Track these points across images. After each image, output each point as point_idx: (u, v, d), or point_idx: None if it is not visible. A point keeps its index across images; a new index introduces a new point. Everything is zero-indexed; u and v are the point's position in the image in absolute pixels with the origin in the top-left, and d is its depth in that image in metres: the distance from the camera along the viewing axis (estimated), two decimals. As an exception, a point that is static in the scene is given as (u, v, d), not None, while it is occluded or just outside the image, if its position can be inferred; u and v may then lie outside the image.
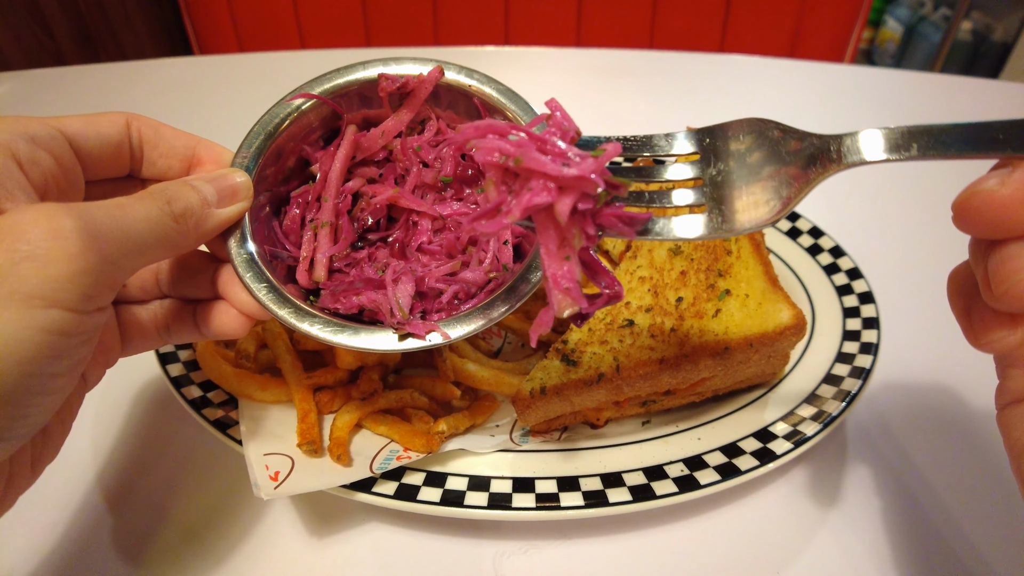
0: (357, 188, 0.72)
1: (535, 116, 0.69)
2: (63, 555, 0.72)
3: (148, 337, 0.65)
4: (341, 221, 0.70)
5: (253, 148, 0.66)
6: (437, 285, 0.67)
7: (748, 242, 0.86)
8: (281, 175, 0.71)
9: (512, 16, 2.37)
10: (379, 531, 0.75)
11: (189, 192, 0.56)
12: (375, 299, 0.64)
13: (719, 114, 0.64)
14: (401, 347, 0.61)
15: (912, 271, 1.10)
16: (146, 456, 0.82)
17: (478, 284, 0.67)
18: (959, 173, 0.51)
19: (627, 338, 0.78)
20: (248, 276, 0.62)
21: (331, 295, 0.66)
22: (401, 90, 0.71)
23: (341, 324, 0.62)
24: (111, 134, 0.58)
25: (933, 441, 0.85)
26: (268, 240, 0.67)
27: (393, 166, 0.74)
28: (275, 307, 0.61)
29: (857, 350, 0.85)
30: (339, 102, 0.71)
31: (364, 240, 0.72)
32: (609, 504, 0.69)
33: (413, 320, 0.63)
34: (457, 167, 0.72)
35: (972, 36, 3.82)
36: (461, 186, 0.73)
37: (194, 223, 0.55)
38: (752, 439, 0.76)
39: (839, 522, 0.76)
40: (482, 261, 0.68)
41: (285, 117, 0.68)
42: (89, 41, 2.62)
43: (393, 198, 0.71)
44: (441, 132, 0.74)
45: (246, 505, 0.77)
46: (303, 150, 0.72)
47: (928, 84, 1.76)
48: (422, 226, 0.71)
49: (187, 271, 0.65)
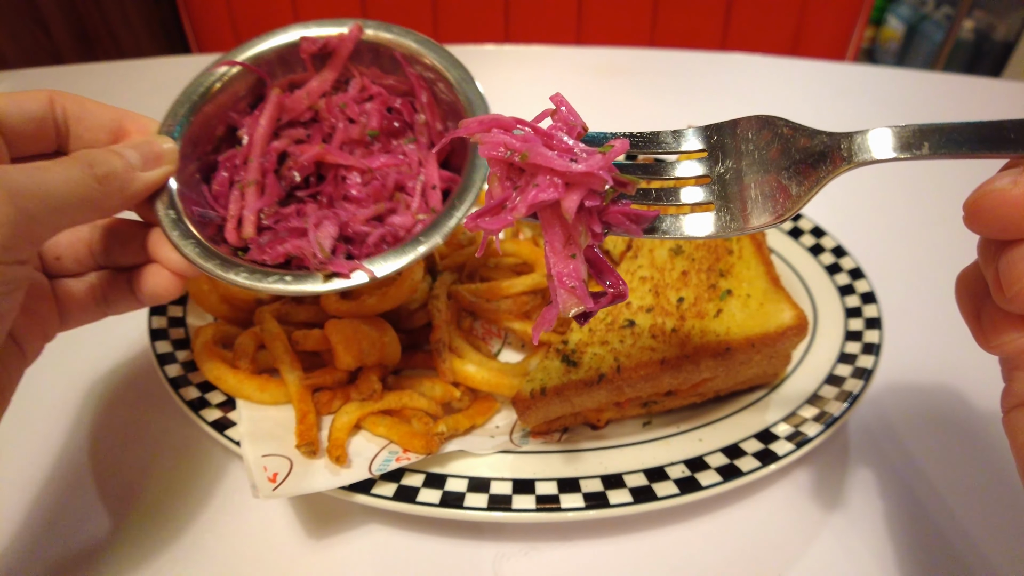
0: (284, 148, 0.73)
1: (458, 65, 0.72)
2: (60, 556, 0.71)
3: (86, 309, 0.66)
4: (267, 179, 0.72)
5: (178, 116, 0.68)
6: (363, 229, 0.68)
7: (750, 242, 0.85)
8: (211, 144, 0.73)
9: (512, 14, 2.36)
10: (378, 533, 0.74)
11: (112, 156, 0.57)
12: (299, 245, 0.65)
13: (720, 112, 0.63)
14: (326, 287, 0.62)
15: (915, 271, 1.10)
16: (143, 457, 0.82)
17: (406, 227, 0.68)
18: (962, 173, 0.50)
19: (628, 338, 0.78)
20: (175, 234, 0.63)
21: (258, 248, 0.67)
22: (323, 51, 0.73)
23: (267, 272, 0.63)
24: (34, 110, 0.58)
25: (936, 442, 0.85)
26: (199, 205, 0.68)
27: (320, 126, 0.75)
28: (201, 260, 0.62)
29: (859, 351, 0.84)
30: (264, 68, 0.73)
31: (294, 198, 0.73)
32: (610, 506, 0.69)
33: (335, 259, 0.63)
34: (383, 120, 0.74)
35: (974, 35, 3.81)
36: (388, 139, 0.75)
37: (118, 185, 0.57)
38: (754, 440, 0.76)
39: (841, 524, 0.75)
40: (410, 206, 0.69)
41: (209, 86, 0.70)
42: (87, 40, 2.61)
43: (319, 154, 0.72)
44: (366, 88, 0.76)
45: (244, 507, 0.76)
46: (230, 117, 0.74)
47: (930, 83, 1.75)
48: (351, 180, 0.72)
49: (118, 239, 0.66)
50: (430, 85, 0.74)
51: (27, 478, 0.79)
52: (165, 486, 0.79)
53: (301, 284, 0.62)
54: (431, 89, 0.74)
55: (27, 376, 0.91)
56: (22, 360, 0.61)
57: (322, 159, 0.72)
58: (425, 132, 0.75)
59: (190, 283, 0.87)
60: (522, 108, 0.67)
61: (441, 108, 0.74)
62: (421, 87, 0.74)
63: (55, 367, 0.93)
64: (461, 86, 0.71)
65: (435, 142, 0.74)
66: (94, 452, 0.82)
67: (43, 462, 0.81)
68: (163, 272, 0.65)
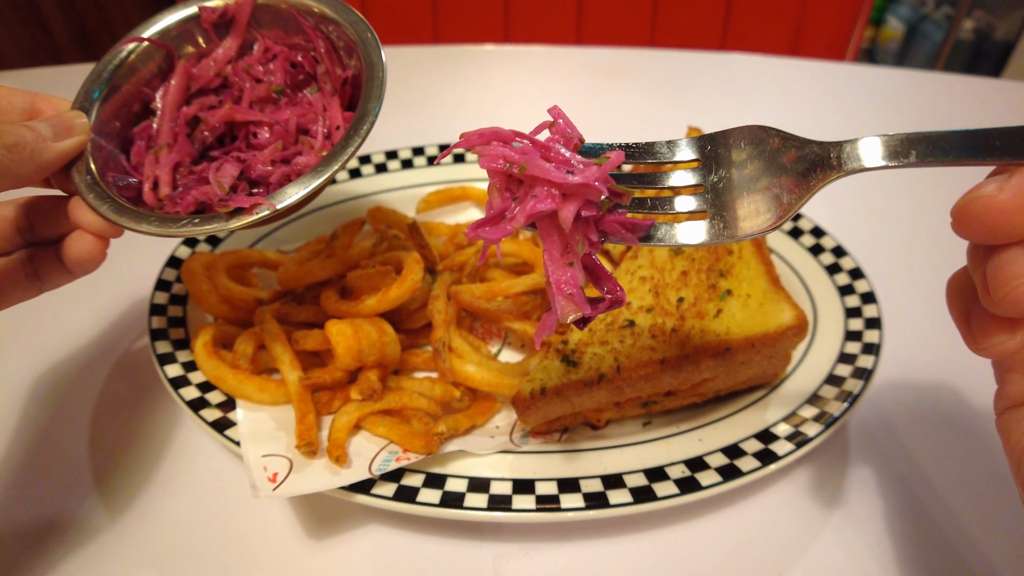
0: (195, 113, 0.77)
1: (347, 9, 0.76)
2: (59, 555, 0.71)
3: (19, 286, 0.68)
4: (179, 141, 0.75)
5: (90, 93, 0.72)
6: (266, 169, 0.71)
7: (750, 242, 0.86)
8: (129, 120, 0.76)
9: (512, 14, 2.36)
10: (378, 533, 0.74)
11: (20, 128, 0.59)
12: (205, 191, 0.69)
13: (720, 113, 0.64)
14: (232, 224, 0.64)
15: (915, 271, 1.10)
16: (143, 457, 0.82)
17: (311, 165, 0.70)
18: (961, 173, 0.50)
19: (628, 338, 0.78)
20: (91, 197, 0.65)
21: (171, 202, 0.70)
22: (223, 18, 0.78)
23: (177, 218, 0.66)
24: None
25: (936, 442, 0.85)
26: (119, 173, 0.71)
27: (231, 91, 0.79)
28: (115, 216, 0.65)
29: (859, 350, 0.84)
30: (173, 44, 0.77)
31: (208, 159, 0.76)
32: (610, 506, 0.69)
33: (236, 196, 0.66)
34: (287, 76, 0.78)
35: (974, 35, 3.81)
36: (295, 92, 0.79)
37: (28, 153, 0.59)
38: (754, 440, 0.76)
39: (842, 523, 0.75)
40: (314, 146, 0.72)
41: (119, 63, 0.74)
42: (86, 39, 2.61)
43: (228, 113, 0.75)
44: (269, 49, 0.79)
45: (244, 507, 0.76)
46: (144, 93, 0.77)
47: (930, 83, 1.75)
48: (261, 135, 0.76)
49: (42, 213, 0.68)
50: (326, 35, 0.77)
51: (26, 478, 0.79)
52: (165, 486, 0.79)
53: (207, 224, 0.64)
54: (327, 38, 0.77)
55: (27, 376, 0.91)
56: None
57: (231, 118, 0.76)
58: (328, 80, 0.78)
59: (190, 284, 0.87)
60: (522, 107, 0.67)
61: (339, 54, 0.77)
62: (317, 36, 0.77)
63: (55, 367, 0.93)
64: (353, 27, 0.74)
65: (337, 87, 0.77)
66: (94, 452, 0.82)
67: (42, 461, 0.81)
68: (85, 236, 0.66)
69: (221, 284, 0.87)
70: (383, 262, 0.90)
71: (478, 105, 1.59)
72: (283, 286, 0.90)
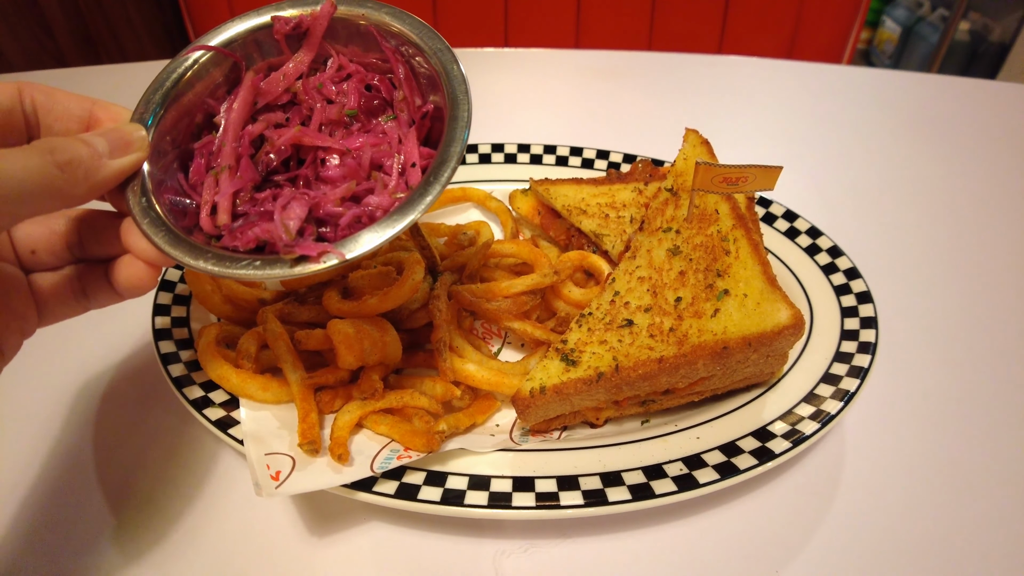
0: (260, 131, 0.71)
1: (434, 36, 0.69)
2: (64, 553, 0.72)
3: (65, 303, 0.65)
4: (241, 164, 0.68)
5: (151, 104, 0.66)
6: (336, 210, 0.65)
7: (746, 242, 0.86)
8: (190, 132, 0.71)
9: (511, 18, 2.38)
10: (380, 530, 0.75)
11: (76, 144, 0.55)
12: (268, 229, 0.62)
13: (717, 115, 0.64)
14: (295, 272, 0.59)
15: (911, 270, 1.11)
16: (147, 456, 0.82)
17: (384, 207, 0.65)
18: (961, 173, 0.51)
19: (626, 338, 0.79)
20: (145, 223, 0.61)
21: (230, 235, 0.64)
22: (296, 30, 0.71)
23: (236, 257, 0.61)
24: (2, 101, 0.58)
25: (931, 440, 0.86)
26: (176, 194, 0.67)
27: (299, 108, 0.73)
28: (170, 248, 0.60)
29: (855, 349, 0.85)
30: (239, 52, 0.71)
31: (272, 183, 0.70)
32: (609, 503, 0.69)
33: (303, 241, 0.61)
34: (361, 99, 0.72)
35: (970, 37, 3.83)
36: (368, 118, 0.73)
37: (83, 173, 0.55)
38: (751, 438, 0.77)
39: (838, 521, 0.76)
40: (387, 185, 0.67)
41: (183, 72, 0.68)
42: (90, 42, 2.62)
43: (296, 136, 0.69)
44: (343, 67, 0.73)
45: (247, 505, 0.77)
46: (208, 105, 0.71)
47: (926, 85, 1.76)
48: (330, 162, 0.70)
49: (93, 230, 0.65)
50: (407, 59, 0.72)
51: (30, 476, 0.80)
52: (168, 484, 0.79)
53: (269, 269, 0.60)
54: (408, 63, 0.72)
55: (30, 376, 0.92)
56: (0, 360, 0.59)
57: (299, 141, 0.70)
58: (405, 108, 0.72)
59: (194, 284, 0.88)
60: (521, 110, 0.68)
61: (419, 82, 0.72)
62: (397, 61, 0.72)
63: (58, 366, 0.94)
64: (437, 56, 0.69)
65: (415, 118, 0.72)
66: (97, 450, 0.83)
67: (46, 460, 0.82)
68: (137, 263, 0.63)
69: (224, 284, 0.88)
70: (384, 263, 0.91)
71: (479, 108, 1.59)
72: (285, 286, 0.90)
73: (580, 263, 0.97)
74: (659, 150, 1.19)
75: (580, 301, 0.92)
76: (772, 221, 1.08)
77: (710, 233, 0.88)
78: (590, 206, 1.04)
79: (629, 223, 1.01)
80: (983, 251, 1.15)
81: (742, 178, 0.82)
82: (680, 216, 0.92)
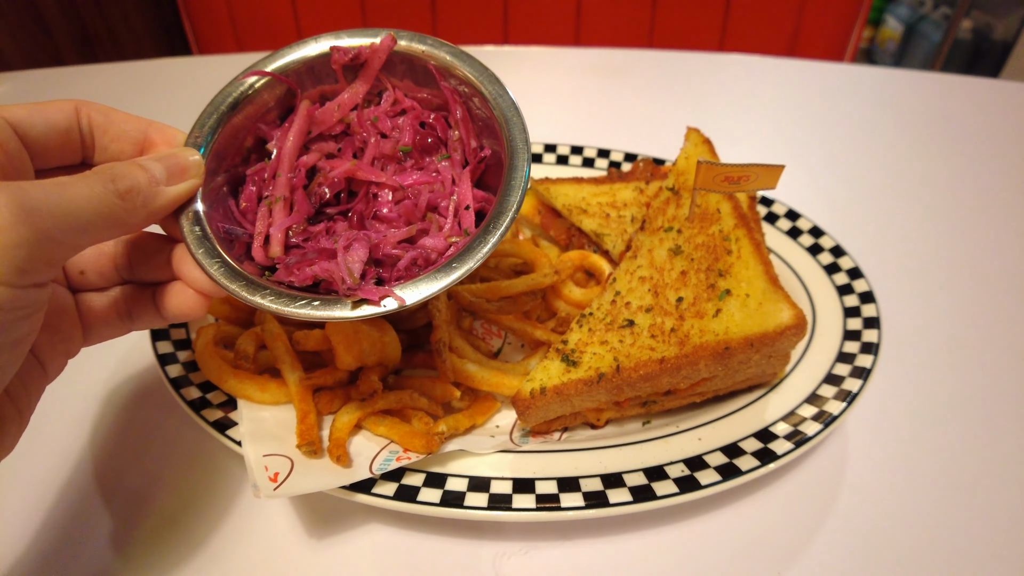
0: (314, 162, 0.71)
1: (494, 80, 0.69)
2: (62, 556, 0.72)
3: (110, 324, 0.64)
4: (296, 195, 0.68)
5: (206, 128, 0.66)
6: (394, 252, 0.65)
7: (748, 242, 0.86)
8: (239, 156, 0.70)
9: (511, 15, 2.37)
10: (379, 532, 0.75)
11: (136, 170, 0.55)
12: (328, 268, 0.62)
13: (718, 114, 0.64)
14: (356, 315, 0.59)
15: (914, 270, 1.10)
16: (144, 457, 0.82)
17: (439, 250, 0.65)
18: (960, 175, 0.51)
19: (627, 338, 0.78)
20: (200, 252, 0.61)
21: (285, 269, 0.64)
22: (354, 61, 0.71)
23: (294, 295, 0.61)
24: (58, 120, 0.57)
25: (934, 441, 0.85)
26: (226, 220, 0.66)
27: (352, 140, 0.73)
28: (226, 281, 0.60)
29: (858, 350, 0.85)
30: (293, 79, 0.71)
31: (323, 215, 0.70)
32: (610, 505, 0.69)
33: (365, 285, 0.61)
34: (416, 136, 0.71)
35: (972, 35, 3.82)
36: (421, 155, 0.72)
37: (142, 201, 0.55)
38: (753, 439, 0.76)
39: (841, 522, 0.76)
40: (442, 227, 0.67)
41: (239, 96, 0.68)
42: (87, 41, 2.61)
43: (350, 170, 0.69)
44: (398, 102, 0.73)
45: (245, 506, 0.77)
46: (259, 129, 0.71)
47: (928, 83, 1.75)
48: (382, 197, 0.69)
49: (143, 253, 0.65)
50: (465, 100, 0.71)
51: (27, 477, 0.79)
52: (165, 486, 0.79)
53: (329, 310, 0.59)
54: (466, 104, 0.72)
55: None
56: (43, 378, 0.59)
57: (353, 175, 0.69)
58: (459, 149, 0.72)
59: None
60: (522, 108, 0.67)
61: (476, 124, 0.72)
62: (455, 102, 0.72)
63: (56, 368, 0.93)
64: (496, 101, 0.69)
65: (469, 160, 0.72)
66: (94, 451, 0.82)
67: (43, 461, 0.81)
68: (187, 291, 0.63)
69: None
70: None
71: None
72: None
73: (581, 263, 0.96)
74: (660, 149, 1.19)
75: (581, 301, 0.91)
76: (774, 220, 1.07)
77: (712, 232, 0.88)
78: (591, 205, 1.04)
79: (630, 222, 1.00)
80: (987, 250, 1.15)
81: (744, 177, 0.82)
82: (682, 215, 0.91)
